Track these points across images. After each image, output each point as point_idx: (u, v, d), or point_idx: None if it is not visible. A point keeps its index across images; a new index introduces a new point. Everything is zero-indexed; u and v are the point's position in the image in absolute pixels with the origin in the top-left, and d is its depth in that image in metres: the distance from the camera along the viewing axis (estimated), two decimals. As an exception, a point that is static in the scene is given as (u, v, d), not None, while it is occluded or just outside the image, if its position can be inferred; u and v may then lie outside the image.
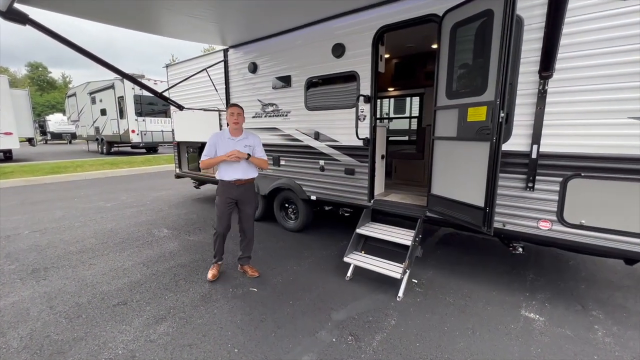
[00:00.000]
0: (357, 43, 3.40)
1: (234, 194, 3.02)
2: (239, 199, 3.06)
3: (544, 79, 2.02)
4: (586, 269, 3.36)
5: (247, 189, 3.08)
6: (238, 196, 3.04)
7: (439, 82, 2.86)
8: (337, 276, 3.20)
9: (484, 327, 2.41)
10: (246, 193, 3.08)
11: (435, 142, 2.97)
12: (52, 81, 53.95)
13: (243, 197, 3.07)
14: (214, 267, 3.20)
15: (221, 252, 3.20)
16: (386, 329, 2.39)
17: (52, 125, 27.09)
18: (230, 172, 2.97)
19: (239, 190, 3.02)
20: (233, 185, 2.99)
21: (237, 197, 3.04)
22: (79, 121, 17.89)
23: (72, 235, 4.39)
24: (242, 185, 3.02)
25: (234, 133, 3.02)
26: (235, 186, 2.99)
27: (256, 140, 3.12)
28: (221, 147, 2.94)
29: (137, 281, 3.09)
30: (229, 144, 2.96)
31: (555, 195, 2.48)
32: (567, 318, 2.52)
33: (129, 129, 13.36)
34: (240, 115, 2.99)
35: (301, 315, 2.56)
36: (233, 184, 2.98)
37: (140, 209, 5.79)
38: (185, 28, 3.92)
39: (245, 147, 2.99)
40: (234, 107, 3.00)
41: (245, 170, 3.01)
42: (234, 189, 3.00)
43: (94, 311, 2.59)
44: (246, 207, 3.11)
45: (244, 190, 3.05)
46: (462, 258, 3.65)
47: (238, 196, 3.04)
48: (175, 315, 2.54)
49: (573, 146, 2.37)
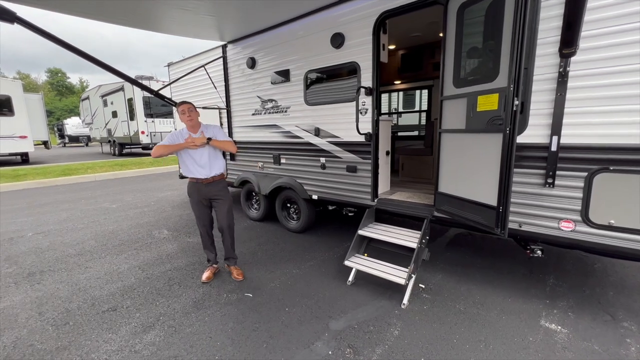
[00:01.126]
0: (356, 31, 3.18)
1: (204, 192, 2.92)
2: (210, 198, 2.96)
3: (565, 58, 1.76)
4: (615, 273, 3.04)
5: (217, 187, 2.95)
6: (208, 195, 2.93)
7: (445, 70, 2.61)
8: (338, 280, 3.01)
9: (498, 340, 2.16)
10: (217, 191, 2.95)
11: (442, 135, 2.73)
12: (70, 86, 55.81)
13: (215, 195, 2.95)
14: (209, 269, 3.12)
15: (213, 252, 3.13)
16: (388, 340, 2.18)
17: (69, 128, 27.89)
18: (195, 170, 2.86)
19: (208, 189, 2.91)
20: (201, 184, 2.89)
21: (208, 195, 2.94)
22: (93, 124, 18.28)
23: (74, 237, 4.35)
24: (211, 184, 2.91)
25: (192, 130, 2.90)
26: (203, 185, 2.89)
27: (215, 129, 3.00)
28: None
29: (130, 285, 2.99)
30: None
31: (579, 192, 2.20)
32: (594, 330, 2.24)
33: (139, 130, 13.51)
34: (192, 110, 2.85)
35: (297, 324, 2.38)
36: (201, 183, 2.89)
37: (143, 210, 5.75)
38: (180, 23, 3.79)
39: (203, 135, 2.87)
40: (183, 104, 2.85)
41: (209, 166, 2.88)
42: (202, 187, 2.90)
43: (82, 318, 2.49)
44: (220, 204, 2.98)
45: (213, 188, 2.93)
46: (474, 261, 3.38)
47: (208, 195, 2.93)
48: (165, 323, 2.40)
49: (599, 136, 2.09)
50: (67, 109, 46.10)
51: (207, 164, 2.88)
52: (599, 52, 2.00)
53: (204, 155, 2.86)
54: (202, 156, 2.86)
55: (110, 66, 3.33)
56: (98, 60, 3.24)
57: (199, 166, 2.86)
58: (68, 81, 55.92)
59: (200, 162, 2.86)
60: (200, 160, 2.86)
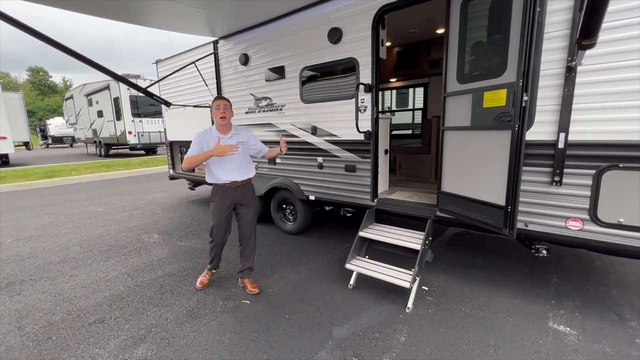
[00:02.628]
0: (355, 26, 3.07)
1: (232, 197, 2.68)
2: (237, 203, 2.73)
3: (584, 50, 1.69)
4: (615, 271, 3.03)
5: (246, 191, 2.75)
6: (236, 200, 2.71)
7: (449, 65, 2.53)
8: (339, 284, 2.90)
9: (508, 344, 2.09)
10: (245, 195, 2.74)
11: (445, 133, 2.65)
12: (53, 85, 54.12)
13: (242, 201, 2.73)
14: (207, 274, 2.92)
15: (218, 259, 2.93)
16: (395, 347, 2.08)
17: (52, 129, 27.01)
18: (225, 173, 2.63)
19: (237, 193, 2.69)
20: (229, 188, 2.66)
21: (236, 200, 2.71)
22: (77, 124, 17.70)
23: (57, 243, 4.12)
24: (240, 187, 2.70)
25: (222, 130, 2.68)
26: (232, 189, 2.67)
27: (248, 134, 2.81)
28: (210, 147, 2.58)
29: (119, 294, 2.81)
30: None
31: (587, 190, 2.15)
32: (603, 331, 2.19)
33: (126, 130, 13.11)
34: (228, 108, 2.64)
35: (298, 332, 2.26)
36: (229, 187, 2.66)
37: (132, 213, 5.52)
38: (168, 16, 3.60)
39: (238, 143, 2.63)
40: (220, 100, 2.65)
41: (241, 169, 2.68)
42: (231, 192, 2.67)
43: (66, 331, 2.31)
44: (246, 211, 2.76)
45: (242, 192, 2.72)
46: (475, 260, 3.33)
47: (236, 200, 2.71)
48: (157, 335, 2.25)
49: (609, 133, 2.04)
50: (49, 108, 44.64)
51: (240, 167, 2.68)
52: (608, 46, 1.94)
53: (236, 158, 2.64)
54: (233, 159, 2.63)
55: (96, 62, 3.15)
56: (83, 56, 3.06)
57: (230, 170, 2.64)
58: (50, 80, 54.21)
59: (231, 166, 2.64)
60: (231, 164, 2.64)
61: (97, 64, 3.28)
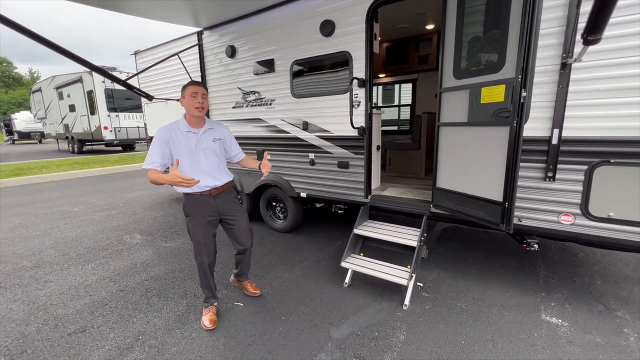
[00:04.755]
0: (348, 19, 2.99)
1: (213, 209, 2.21)
2: (222, 215, 2.27)
3: (589, 45, 1.70)
4: (597, 262, 3.15)
5: (228, 199, 2.31)
6: (219, 211, 2.25)
7: (445, 60, 2.50)
8: (334, 283, 2.85)
9: (505, 338, 2.11)
10: (229, 204, 2.30)
11: (440, 129, 2.63)
12: (18, 77, 50.73)
13: (227, 211, 2.28)
14: (210, 310, 2.33)
15: (213, 288, 2.36)
16: (396, 346, 2.06)
17: (18, 124, 25.28)
18: (202, 178, 2.09)
19: (219, 202, 2.23)
20: (208, 197, 2.19)
21: (219, 212, 2.25)
22: (47, 118, 16.64)
23: (28, 246, 3.83)
24: (220, 195, 2.25)
25: (194, 123, 2.15)
26: (211, 197, 2.20)
27: (225, 131, 2.34)
28: (179, 145, 2.09)
29: (101, 300, 2.63)
30: (190, 139, 2.11)
31: (579, 185, 2.19)
32: (593, 322, 2.26)
33: (101, 125, 12.45)
34: (205, 97, 2.12)
35: (296, 334, 2.19)
36: (207, 195, 2.19)
37: (111, 213, 5.23)
38: (151, 4, 3.38)
39: (214, 140, 2.22)
40: (195, 85, 2.11)
41: (220, 171, 2.25)
42: (210, 200, 2.20)
43: (43, 343, 2.13)
44: (236, 220, 2.32)
45: (224, 201, 2.26)
46: (466, 255, 3.37)
47: (219, 211, 2.25)
48: (145, 343, 2.11)
49: (601, 129, 2.08)
50: (15, 102, 41.88)
51: (219, 168, 2.24)
52: (604, 43, 1.96)
53: (212, 158, 2.20)
54: (209, 160, 2.19)
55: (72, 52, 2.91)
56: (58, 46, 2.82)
57: (208, 173, 2.17)
58: (15, 72, 50.78)
59: (209, 168, 2.17)
60: (208, 166, 2.17)
61: (74, 54, 3.02)
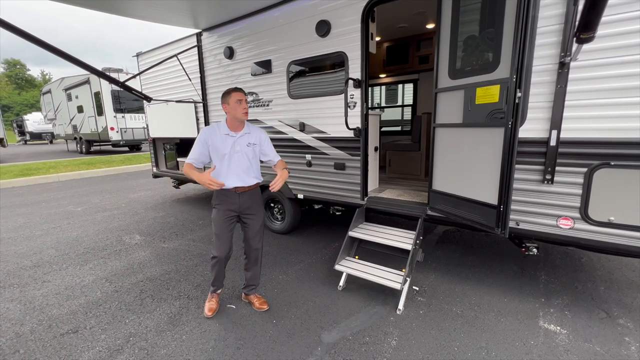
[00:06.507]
0: (344, 19, 2.96)
1: (235, 204, 2.33)
2: (241, 212, 2.37)
3: (582, 44, 1.64)
4: (601, 267, 3.05)
5: (252, 198, 2.38)
6: (240, 207, 2.35)
7: (440, 60, 2.45)
8: (328, 286, 2.82)
9: (500, 345, 2.06)
10: (251, 203, 2.38)
11: (436, 130, 2.58)
12: (31, 79, 51.90)
13: (248, 209, 2.38)
14: (213, 297, 2.50)
15: (222, 278, 2.49)
16: (386, 352, 2.02)
17: (30, 124, 25.86)
18: (229, 178, 2.26)
19: (242, 200, 2.34)
20: (233, 194, 2.31)
21: (240, 208, 2.35)
22: (56, 119, 16.97)
23: (30, 246, 3.89)
24: (246, 193, 2.35)
25: (234, 127, 2.29)
26: (236, 195, 2.31)
27: (262, 135, 2.42)
28: (217, 146, 2.24)
29: (96, 301, 2.65)
30: (227, 142, 2.25)
31: (578, 188, 2.12)
32: (593, 329, 2.19)
33: (108, 126, 12.64)
34: (247, 102, 2.33)
35: (286, 338, 2.17)
36: (233, 192, 2.31)
37: (113, 213, 5.29)
38: (150, 6, 3.40)
39: (248, 145, 2.32)
40: (238, 92, 2.26)
41: (248, 174, 2.33)
42: (235, 198, 2.32)
43: (35, 343, 2.15)
44: (252, 220, 2.41)
45: (247, 199, 2.36)
46: (465, 259, 3.30)
47: (240, 207, 2.35)
48: (135, 345, 2.12)
49: (601, 130, 2.01)
50: (27, 103, 42.74)
51: (248, 171, 2.33)
52: (602, 41, 1.90)
53: (243, 160, 2.29)
54: (240, 163, 2.29)
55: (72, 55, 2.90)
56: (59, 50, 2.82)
57: (234, 175, 2.28)
58: (28, 74, 51.98)
59: (237, 170, 2.28)
60: (237, 167, 2.28)
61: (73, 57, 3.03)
